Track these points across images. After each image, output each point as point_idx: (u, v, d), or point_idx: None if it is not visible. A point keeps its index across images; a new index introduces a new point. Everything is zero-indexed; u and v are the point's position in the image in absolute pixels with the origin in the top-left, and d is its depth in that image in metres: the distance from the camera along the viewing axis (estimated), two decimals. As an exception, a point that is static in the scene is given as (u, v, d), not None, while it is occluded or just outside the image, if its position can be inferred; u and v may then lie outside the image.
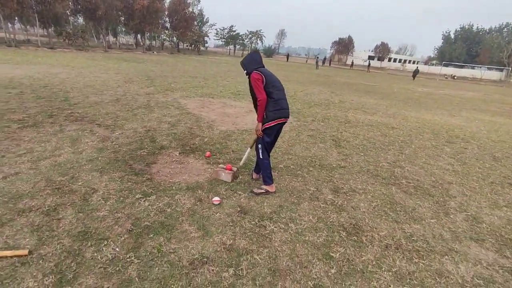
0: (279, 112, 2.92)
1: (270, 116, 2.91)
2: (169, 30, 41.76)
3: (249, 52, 3.09)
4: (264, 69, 2.95)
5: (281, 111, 2.93)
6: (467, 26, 64.49)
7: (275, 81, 2.98)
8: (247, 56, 3.05)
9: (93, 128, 4.75)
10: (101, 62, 15.81)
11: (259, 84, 2.84)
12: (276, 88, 2.92)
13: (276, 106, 2.90)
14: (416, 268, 2.22)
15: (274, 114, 2.90)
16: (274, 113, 2.90)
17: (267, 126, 2.94)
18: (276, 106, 2.90)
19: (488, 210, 3.24)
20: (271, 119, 2.91)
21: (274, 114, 2.90)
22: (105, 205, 2.63)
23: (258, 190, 3.12)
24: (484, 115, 10.28)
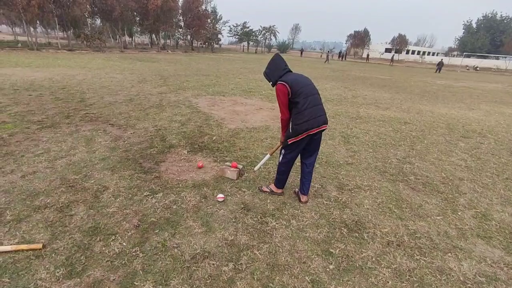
0: (305, 124, 2.57)
1: (294, 130, 2.62)
2: (183, 28, 42.25)
3: (272, 58, 2.77)
4: (290, 76, 2.66)
5: (308, 122, 2.57)
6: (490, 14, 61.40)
7: (304, 86, 2.62)
8: (270, 63, 2.75)
9: (107, 128, 4.94)
10: (117, 63, 16.26)
11: (282, 100, 2.61)
12: (303, 96, 2.58)
13: (301, 119, 2.58)
14: (417, 265, 2.21)
15: (299, 128, 2.59)
16: (300, 127, 2.59)
17: (292, 142, 2.68)
18: (301, 118, 2.57)
19: (500, 207, 3.15)
20: (295, 133, 2.62)
21: (299, 128, 2.59)
22: (114, 202, 2.76)
23: (265, 188, 3.15)
24: (506, 108, 9.84)
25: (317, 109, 2.63)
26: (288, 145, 2.74)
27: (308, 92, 2.62)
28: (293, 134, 2.65)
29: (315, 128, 2.61)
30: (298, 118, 2.60)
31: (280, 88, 2.59)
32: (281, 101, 2.63)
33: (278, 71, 2.68)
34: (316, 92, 2.71)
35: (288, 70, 2.72)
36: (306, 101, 2.58)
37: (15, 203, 2.62)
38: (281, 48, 62.09)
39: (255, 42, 56.40)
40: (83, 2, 25.17)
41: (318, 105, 2.67)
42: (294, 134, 2.64)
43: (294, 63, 28.82)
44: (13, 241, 2.15)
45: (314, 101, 2.64)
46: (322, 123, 2.64)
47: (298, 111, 2.59)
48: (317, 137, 2.78)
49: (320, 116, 2.64)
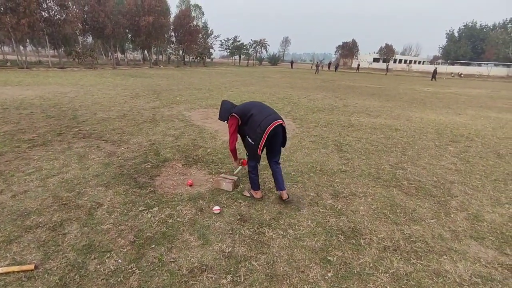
0: (259, 128, 2.86)
1: (254, 139, 2.92)
2: (174, 44, 42.69)
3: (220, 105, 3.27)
4: (237, 107, 3.11)
5: (261, 124, 2.86)
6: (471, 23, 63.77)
7: (251, 105, 3.08)
8: (220, 109, 3.22)
9: (100, 144, 4.91)
10: (109, 79, 16.28)
11: (231, 130, 3.07)
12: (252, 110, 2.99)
13: (254, 127, 2.90)
14: (414, 268, 2.22)
15: (256, 136, 2.88)
16: (256, 135, 2.88)
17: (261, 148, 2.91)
18: (255, 126, 2.90)
19: (490, 208, 3.21)
20: (257, 141, 2.89)
21: (256, 136, 2.88)
22: (109, 218, 2.73)
23: (246, 192, 3.32)
24: (491, 112, 10.12)
25: (265, 112, 2.98)
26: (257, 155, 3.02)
27: (256, 106, 3.07)
28: (256, 144, 2.91)
29: (268, 125, 2.86)
30: (253, 127, 2.93)
31: (231, 119, 3.07)
32: (230, 131, 3.07)
33: (228, 111, 3.11)
34: (264, 105, 3.15)
35: (234, 106, 3.18)
36: (255, 111, 2.97)
37: (5, 224, 2.57)
38: (272, 60, 63.08)
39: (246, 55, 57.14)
40: (74, 20, 25.30)
41: (267, 109, 3.06)
42: (258, 141, 2.89)
43: (285, 74, 29.25)
44: (4, 263, 2.10)
45: (262, 108, 3.06)
46: (273, 120, 2.90)
47: (251, 122, 2.95)
48: (276, 137, 3.01)
49: (270, 115, 2.94)
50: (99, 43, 34.03)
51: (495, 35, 55.43)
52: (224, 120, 3.18)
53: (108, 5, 27.70)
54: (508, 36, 52.34)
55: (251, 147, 3.00)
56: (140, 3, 32.17)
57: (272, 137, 2.95)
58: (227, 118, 3.12)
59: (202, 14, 52.28)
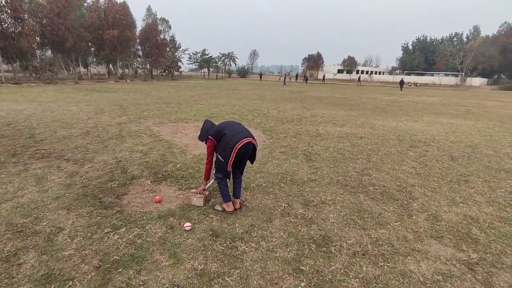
0: (229, 145, 2.94)
1: (223, 156, 2.98)
2: (141, 57, 41.80)
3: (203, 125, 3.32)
4: (213, 129, 3.16)
5: (231, 141, 2.94)
6: (422, 37, 69.56)
7: (225, 125, 3.17)
8: (201, 129, 3.27)
9: (61, 164, 4.63)
10: (71, 95, 15.50)
11: (208, 152, 3.18)
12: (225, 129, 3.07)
13: (224, 144, 2.97)
14: (381, 271, 2.32)
15: (226, 153, 2.95)
16: (226, 152, 2.95)
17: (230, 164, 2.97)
18: (225, 143, 2.97)
19: (447, 208, 3.46)
20: (227, 157, 2.95)
21: (226, 153, 2.95)
22: (71, 243, 2.57)
23: (218, 207, 3.29)
24: (443, 118, 11.01)
25: (236, 129, 3.07)
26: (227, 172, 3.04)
27: (229, 125, 3.16)
28: (225, 161, 2.96)
29: (237, 143, 2.93)
30: (223, 144, 2.99)
31: (208, 141, 3.15)
32: (208, 151, 3.18)
33: (207, 132, 3.18)
34: (239, 124, 3.25)
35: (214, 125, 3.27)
36: (227, 131, 3.04)
37: (-49, 257, 2.32)
38: (241, 73, 63.81)
39: (215, 68, 57.34)
40: (31, 33, 23.96)
41: (238, 126, 3.16)
42: (227, 158, 2.95)
43: (254, 86, 29.70)
44: (-51, 301, 1.89)
45: (234, 126, 3.14)
46: (243, 137, 2.98)
47: (223, 140, 3.01)
48: (246, 154, 3.11)
49: (240, 133, 3.02)
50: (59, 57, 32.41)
51: (444, 47, 60.98)
52: (202, 141, 3.25)
53: (68, 18, 26.57)
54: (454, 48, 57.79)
55: (221, 164, 3.04)
56: (104, 16, 31.32)
57: (242, 155, 3.04)
58: (206, 139, 3.18)
59: (169, 27, 51.90)
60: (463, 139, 7.23)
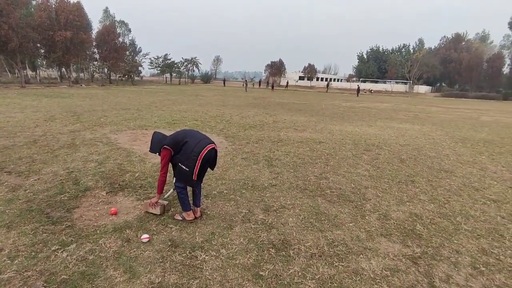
0: (196, 150, 2.90)
1: (187, 165, 2.90)
2: (98, 61, 39.55)
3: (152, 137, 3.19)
4: (168, 138, 3.06)
5: (194, 150, 2.90)
6: (375, 47, 74.80)
7: (184, 134, 3.10)
8: (151, 141, 3.15)
9: (1, 177, 4.21)
10: (16, 100, 14.17)
11: (164, 161, 3.02)
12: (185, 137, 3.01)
13: (188, 152, 2.91)
14: (336, 271, 2.44)
15: (190, 162, 2.89)
16: (190, 161, 2.89)
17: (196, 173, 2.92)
18: (188, 151, 2.91)
19: (395, 207, 3.75)
20: (192, 167, 2.89)
21: (190, 162, 2.89)
22: (11, 265, 2.34)
23: (177, 216, 3.22)
24: (394, 123, 11.92)
25: (197, 137, 3.04)
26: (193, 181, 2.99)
27: (188, 134, 3.10)
28: (190, 170, 2.90)
29: (202, 150, 2.92)
30: (186, 153, 2.93)
31: (163, 151, 3.02)
32: (163, 162, 3.03)
33: (159, 143, 3.07)
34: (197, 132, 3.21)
35: (165, 136, 3.14)
36: (188, 139, 2.99)
37: None
38: (204, 78, 63.25)
39: (178, 73, 56.18)
40: (-34, 32, 21.56)
41: (198, 134, 3.13)
42: (192, 167, 2.89)
43: (218, 92, 29.61)
44: None
45: (194, 134, 3.11)
46: (206, 144, 2.98)
47: (185, 149, 2.94)
48: (210, 160, 3.10)
49: (202, 140, 3.01)
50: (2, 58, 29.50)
51: (394, 57, 66.14)
52: (155, 153, 3.12)
53: (12, 16, 24.33)
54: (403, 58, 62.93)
55: (185, 174, 2.95)
56: (55, 16, 29.18)
57: (205, 162, 3.02)
58: (159, 150, 3.06)
59: (128, 31, 49.92)
60: (411, 142, 7.89)
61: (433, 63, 56.00)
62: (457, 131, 10.68)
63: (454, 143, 8.16)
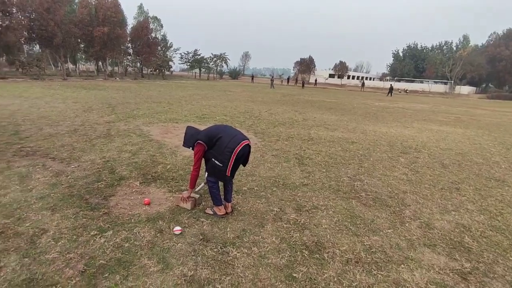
0: (230, 146, 2.86)
1: (221, 160, 2.88)
2: (132, 55, 41.19)
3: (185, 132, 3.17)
4: (202, 133, 3.04)
5: (228, 146, 2.86)
6: (413, 45, 71.04)
7: (218, 128, 3.07)
8: (184, 136, 3.14)
9: (46, 162, 4.46)
10: (59, 91, 15.10)
11: (197, 156, 3.00)
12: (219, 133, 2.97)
13: (222, 148, 2.88)
14: (375, 280, 2.29)
15: (224, 157, 2.86)
16: (224, 156, 2.86)
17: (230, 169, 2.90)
18: (222, 147, 2.88)
19: (439, 215, 3.48)
20: (226, 163, 2.86)
21: (224, 157, 2.86)
22: (55, 246, 2.45)
23: (209, 210, 3.20)
24: (433, 125, 11.20)
25: (231, 133, 3.00)
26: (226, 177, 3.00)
27: (221, 129, 3.07)
28: (224, 166, 2.88)
29: (236, 146, 2.88)
30: (220, 148, 2.89)
31: (197, 147, 3.00)
32: (197, 157, 3.01)
33: (193, 138, 3.05)
34: (231, 127, 3.17)
35: (199, 132, 3.10)
36: (222, 134, 2.96)
37: None
38: (232, 74, 63.66)
39: (206, 69, 57.02)
40: (19, 28, 23.31)
41: (232, 129, 3.09)
42: (226, 163, 2.86)
43: (246, 88, 29.65)
44: None
45: (228, 130, 3.07)
46: (240, 140, 2.93)
47: (219, 144, 2.92)
48: (241, 159, 3.04)
49: (236, 136, 2.97)
50: (48, 52, 31.63)
51: (433, 55, 62.37)
52: (189, 147, 3.11)
53: (58, 14, 25.97)
54: (444, 56, 59.17)
55: (219, 170, 2.92)
56: (95, 13, 30.77)
57: (240, 157, 2.98)
58: (192, 145, 3.05)
59: (161, 26, 51.35)
60: (453, 147, 7.36)
61: (479, 62, 51.95)
62: (508, 136, 9.81)
63: (506, 150, 7.47)
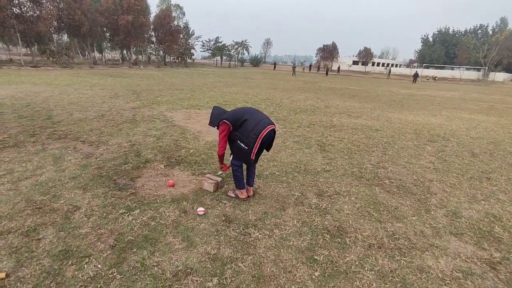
0: (256, 130, 2.83)
1: (247, 143, 2.87)
2: (155, 44, 41.83)
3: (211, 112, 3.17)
4: (227, 114, 3.03)
5: (254, 130, 2.84)
6: (444, 29, 66.88)
7: (244, 110, 3.05)
8: (210, 116, 3.15)
9: (77, 145, 4.70)
10: (86, 79, 15.70)
11: (222, 136, 3.01)
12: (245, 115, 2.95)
13: (247, 131, 2.86)
14: (398, 265, 2.26)
15: (250, 140, 2.84)
16: (250, 139, 2.84)
17: (255, 152, 2.89)
18: (248, 130, 2.86)
19: (467, 204, 3.34)
20: (251, 146, 2.85)
21: (250, 140, 2.84)
22: (87, 222, 2.60)
23: (231, 193, 3.27)
24: (464, 113, 10.62)
25: (258, 117, 2.95)
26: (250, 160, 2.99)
27: (248, 111, 3.03)
28: (249, 148, 2.87)
29: (262, 130, 2.84)
30: (246, 131, 2.88)
31: (222, 125, 3.00)
32: (221, 136, 3.02)
33: (219, 117, 3.06)
34: (257, 110, 3.10)
35: (225, 112, 3.12)
36: (248, 117, 2.93)
37: (-27, 230, 2.39)
38: (253, 62, 63.13)
39: (228, 56, 56.92)
40: (49, 17, 24.22)
41: (259, 114, 3.02)
42: (251, 146, 2.86)
43: (267, 75, 29.39)
44: (-29, 272, 1.95)
45: (254, 113, 3.01)
46: (266, 124, 2.89)
47: (244, 127, 2.90)
48: (268, 141, 3.03)
49: (262, 120, 2.92)
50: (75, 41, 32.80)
51: (467, 40, 58.43)
52: (214, 126, 3.13)
53: (84, 3, 26.74)
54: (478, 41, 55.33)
55: (244, 152, 2.93)
56: (119, 1, 31.30)
57: (265, 142, 2.96)
58: (217, 124, 3.06)
59: (183, 14, 51.64)
60: (485, 135, 6.96)
61: (518, 46, 48.15)
62: (544, 125, 9.14)
63: (541, 139, 6.99)
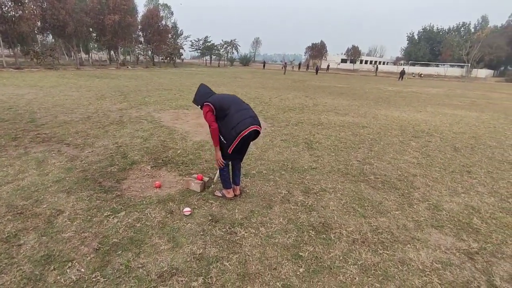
0: (234, 130, 2.78)
1: (227, 138, 2.84)
2: (143, 44, 41.30)
3: (197, 88, 3.08)
4: (214, 97, 2.94)
5: (236, 127, 2.77)
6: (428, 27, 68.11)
7: (229, 100, 2.94)
8: (196, 92, 3.05)
9: (61, 148, 4.62)
10: (72, 80, 15.38)
11: (208, 117, 2.86)
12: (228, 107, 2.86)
13: (229, 127, 2.80)
14: (381, 259, 2.32)
15: (230, 135, 2.81)
16: (230, 134, 2.81)
17: (232, 148, 2.86)
18: (230, 125, 2.80)
19: (448, 197, 3.44)
20: (230, 141, 2.82)
21: (230, 135, 2.81)
22: (71, 226, 2.57)
23: (217, 193, 3.27)
24: (447, 109, 10.89)
25: (243, 113, 2.87)
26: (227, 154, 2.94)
27: (234, 103, 2.94)
28: (228, 143, 2.85)
29: (243, 130, 2.78)
30: (227, 127, 2.82)
31: (205, 108, 2.89)
32: (207, 118, 2.88)
33: (203, 97, 2.96)
34: (243, 102, 3.04)
35: (212, 94, 3.01)
36: (233, 110, 2.85)
37: (-49, 237, 2.33)
38: (243, 61, 63.01)
39: (217, 56, 56.66)
40: (31, 17, 23.59)
41: (245, 110, 2.93)
42: (230, 142, 2.84)
43: (256, 74, 29.40)
44: (-51, 280, 1.90)
45: (241, 107, 2.92)
46: (249, 124, 2.82)
47: (227, 120, 2.83)
48: (247, 141, 3.00)
49: (247, 118, 2.84)
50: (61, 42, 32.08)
51: (450, 38, 59.74)
52: (198, 105, 3.00)
53: (69, 2, 26.11)
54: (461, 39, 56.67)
55: (224, 145, 2.91)
56: (105, 1, 30.76)
57: (245, 141, 2.93)
58: (201, 104, 2.93)
59: (171, 13, 51.12)
60: (467, 130, 7.16)
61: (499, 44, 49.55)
62: (524, 119, 9.46)
63: (521, 133, 7.24)
